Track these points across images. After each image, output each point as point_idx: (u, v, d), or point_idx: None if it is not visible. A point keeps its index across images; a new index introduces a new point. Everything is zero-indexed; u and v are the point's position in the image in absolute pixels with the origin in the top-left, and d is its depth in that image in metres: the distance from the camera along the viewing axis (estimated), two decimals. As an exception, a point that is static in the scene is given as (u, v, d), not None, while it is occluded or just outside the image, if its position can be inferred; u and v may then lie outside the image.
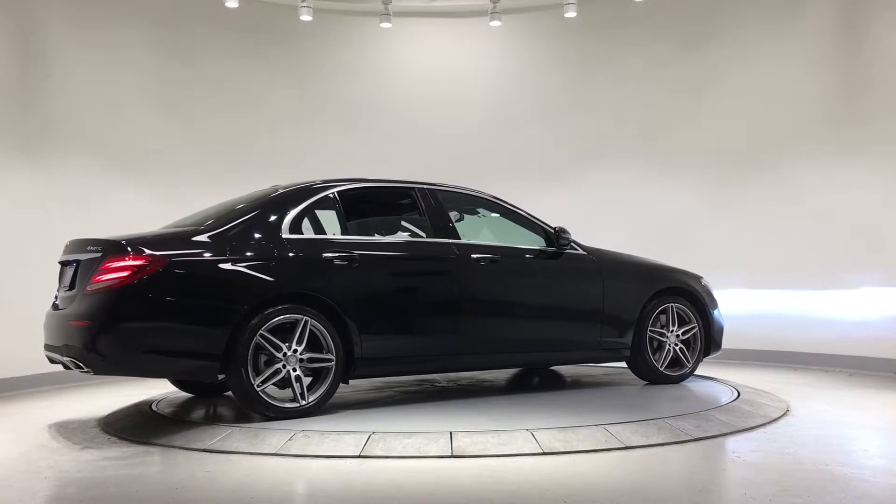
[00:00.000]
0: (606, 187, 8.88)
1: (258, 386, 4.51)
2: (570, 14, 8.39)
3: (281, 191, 5.10)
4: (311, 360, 4.68)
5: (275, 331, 4.59)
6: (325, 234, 5.30)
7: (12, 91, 7.06)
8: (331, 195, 5.14)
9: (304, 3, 8.33)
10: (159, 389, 6.04)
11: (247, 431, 4.36)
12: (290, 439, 4.19)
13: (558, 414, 4.72)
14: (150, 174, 7.98)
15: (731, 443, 4.24)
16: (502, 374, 6.52)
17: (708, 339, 6.06)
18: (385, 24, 8.73)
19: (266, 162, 8.55)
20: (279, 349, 4.57)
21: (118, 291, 4.37)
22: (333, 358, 4.72)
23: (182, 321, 4.46)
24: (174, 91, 8.31)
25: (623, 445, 4.09)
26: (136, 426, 4.81)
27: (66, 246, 5.04)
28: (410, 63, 9.35)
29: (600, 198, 8.87)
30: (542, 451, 3.97)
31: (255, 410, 4.61)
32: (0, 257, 6.84)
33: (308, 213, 5.08)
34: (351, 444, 4.09)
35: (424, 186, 5.48)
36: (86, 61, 7.67)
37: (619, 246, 6.20)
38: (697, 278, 6.19)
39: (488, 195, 5.81)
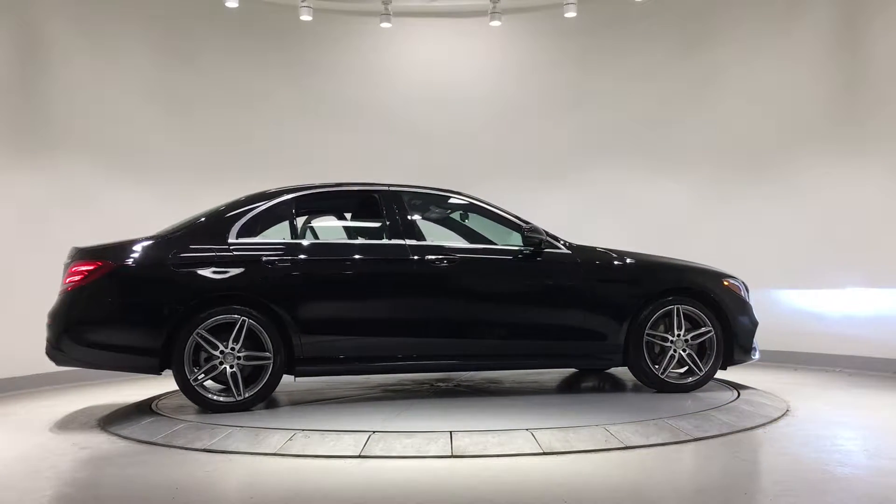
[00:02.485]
0: (607, 186, 8.88)
1: (195, 381, 4.88)
2: (570, 14, 8.39)
3: (240, 198, 5.36)
4: (248, 359, 4.95)
5: (218, 329, 4.91)
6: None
7: (12, 91, 7.05)
8: (287, 201, 5.33)
9: (304, 3, 8.33)
10: (159, 389, 6.04)
11: (247, 431, 4.37)
12: (290, 439, 4.20)
13: (558, 414, 4.72)
14: (151, 173, 7.98)
15: (731, 443, 4.24)
16: (504, 375, 6.50)
17: (730, 345, 5.49)
18: (385, 24, 8.73)
19: (266, 161, 8.56)
20: (216, 347, 4.88)
21: (72, 293, 4.95)
22: (270, 356, 4.95)
23: (124, 320, 4.98)
24: (175, 91, 8.31)
25: (623, 445, 4.08)
26: (136, 426, 4.81)
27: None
28: (410, 63, 9.35)
29: (601, 197, 8.87)
30: (542, 451, 3.97)
31: (195, 403, 4.96)
32: (1, 257, 6.85)
33: (263, 218, 5.26)
34: (351, 444, 4.10)
35: (389, 189, 5.48)
36: (86, 61, 7.67)
37: (620, 245, 6.10)
38: (717, 277, 5.65)
39: (464, 195, 5.68)
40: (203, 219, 5.22)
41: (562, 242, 5.50)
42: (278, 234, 5.36)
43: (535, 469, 3.73)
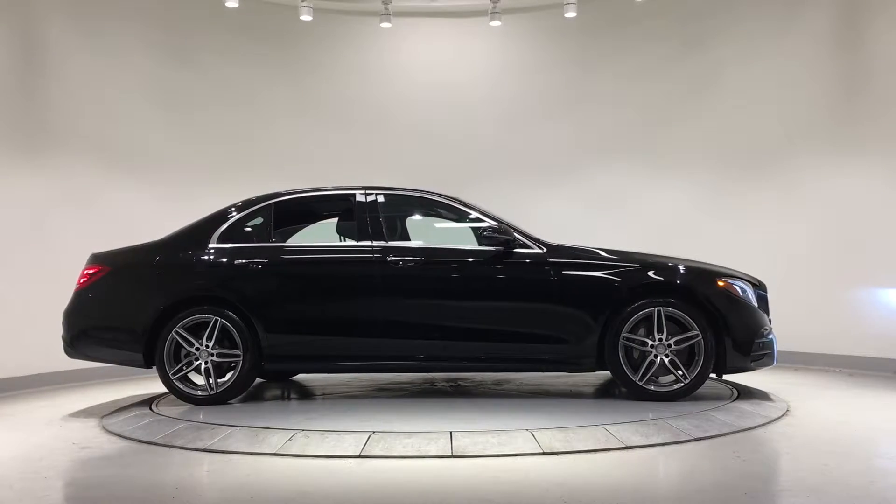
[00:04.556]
0: (606, 186, 8.88)
1: (173, 375, 5.30)
2: (571, 14, 8.39)
3: (226, 205, 5.68)
4: (220, 356, 5.30)
5: (196, 328, 5.31)
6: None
7: (12, 91, 7.05)
8: (266, 206, 5.62)
9: (304, 3, 8.32)
10: (160, 388, 6.03)
11: (247, 431, 4.37)
12: (290, 439, 4.20)
13: (558, 414, 4.73)
14: (151, 173, 7.98)
15: (731, 443, 4.24)
16: (506, 375, 6.50)
17: (723, 350, 5.09)
18: (385, 24, 8.73)
19: (266, 161, 8.57)
20: (192, 344, 5.28)
21: (78, 294, 5.55)
22: (241, 353, 5.27)
23: (113, 318, 5.51)
24: (174, 90, 8.31)
25: (623, 445, 4.09)
26: (136, 426, 4.81)
27: None
28: (410, 63, 9.34)
29: (601, 196, 8.87)
30: (542, 451, 3.97)
31: (174, 395, 5.39)
32: (0, 257, 6.84)
33: (243, 224, 5.60)
34: (351, 444, 4.10)
35: (364, 192, 5.59)
36: (86, 61, 7.66)
37: (619, 245, 6.04)
38: (710, 276, 5.26)
39: (442, 195, 5.65)
40: (193, 225, 5.60)
41: (537, 242, 5.34)
42: (261, 238, 5.57)
43: (534, 469, 3.73)
